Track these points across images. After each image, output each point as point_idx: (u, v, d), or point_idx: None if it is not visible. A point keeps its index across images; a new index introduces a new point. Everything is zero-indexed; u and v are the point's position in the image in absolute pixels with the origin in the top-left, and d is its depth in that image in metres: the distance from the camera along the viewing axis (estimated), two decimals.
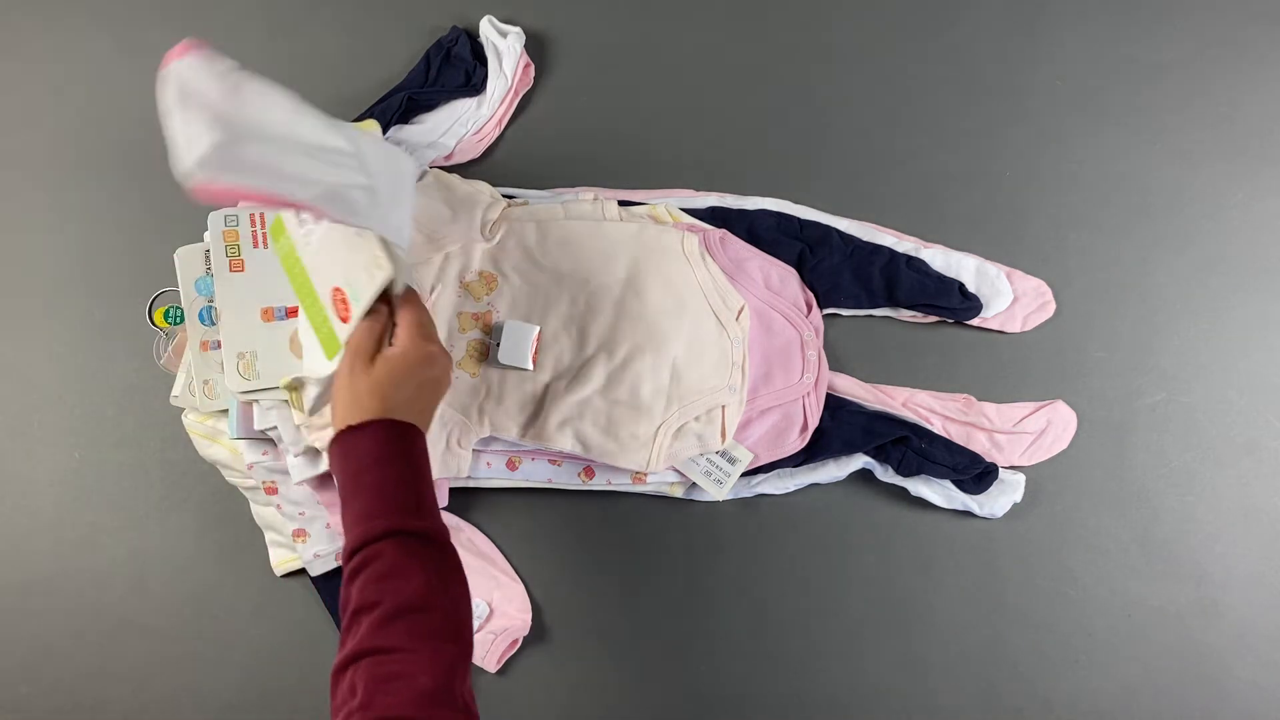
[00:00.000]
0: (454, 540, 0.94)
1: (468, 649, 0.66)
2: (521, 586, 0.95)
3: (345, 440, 0.69)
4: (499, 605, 0.94)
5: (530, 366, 0.90)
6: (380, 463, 0.68)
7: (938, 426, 0.97)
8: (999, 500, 0.96)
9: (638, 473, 0.94)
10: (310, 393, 0.78)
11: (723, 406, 0.92)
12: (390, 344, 0.72)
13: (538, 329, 0.91)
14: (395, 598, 0.63)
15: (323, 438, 0.84)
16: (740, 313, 0.94)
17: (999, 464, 0.96)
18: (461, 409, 0.90)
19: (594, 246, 0.93)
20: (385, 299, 0.73)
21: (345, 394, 0.71)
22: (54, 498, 0.97)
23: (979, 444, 0.97)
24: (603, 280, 0.92)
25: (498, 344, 0.90)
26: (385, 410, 0.69)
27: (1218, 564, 0.98)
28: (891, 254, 1.00)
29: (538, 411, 0.90)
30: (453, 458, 0.89)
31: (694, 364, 0.92)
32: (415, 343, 0.72)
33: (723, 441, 0.92)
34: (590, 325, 0.91)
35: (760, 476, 0.97)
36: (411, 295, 0.75)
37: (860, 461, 0.97)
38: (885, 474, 0.97)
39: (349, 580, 0.65)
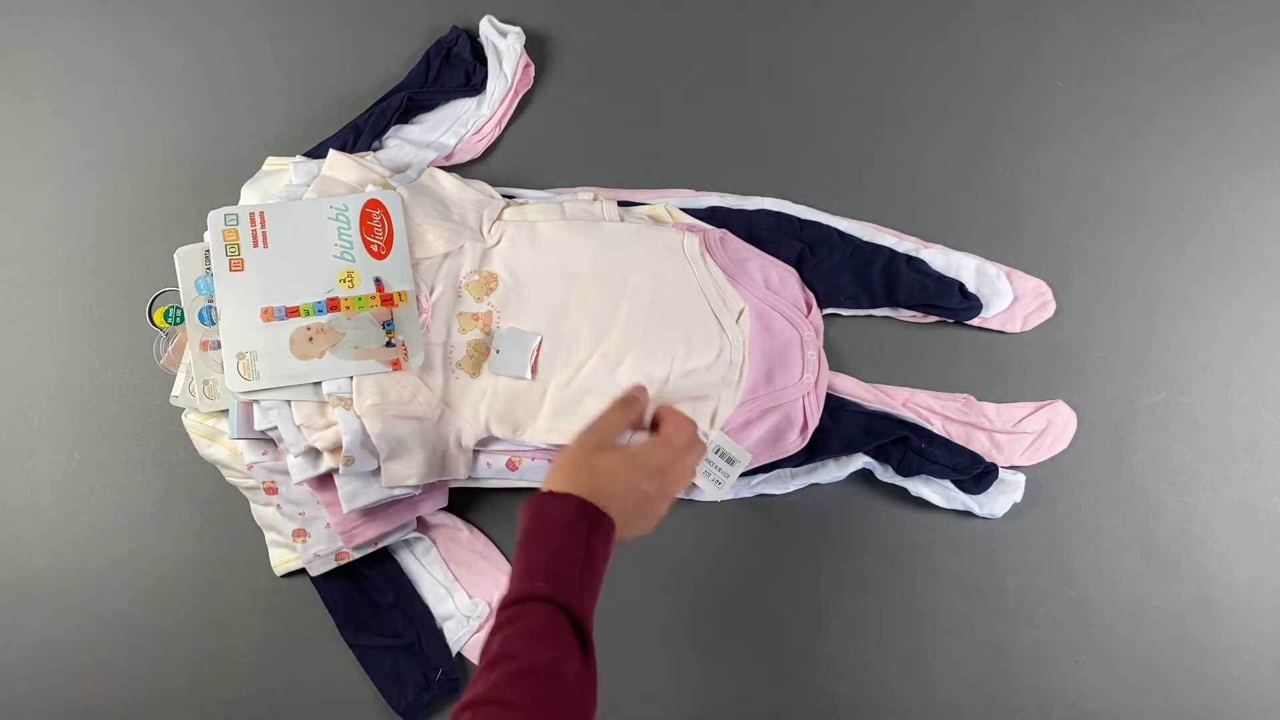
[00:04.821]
0: (454, 540, 0.95)
1: None
2: None
3: (542, 500, 0.71)
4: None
5: (529, 376, 0.90)
6: (563, 531, 0.69)
7: (938, 426, 0.97)
8: (999, 500, 0.96)
9: None
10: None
11: (716, 400, 0.92)
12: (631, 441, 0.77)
13: (539, 339, 0.90)
14: (534, 658, 0.63)
15: (324, 438, 0.84)
16: (740, 314, 0.94)
17: (999, 464, 0.96)
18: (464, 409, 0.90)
19: (593, 247, 0.93)
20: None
21: (567, 463, 0.74)
22: (54, 498, 0.97)
23: (979, 444, 0.97)
24: (602, 281, 0.92)
25: (498, 351, 0.90)
26: (592, 494, 0.71)
27: (1218, 564, 0.98)
28: (891, 254, 1.00)
29: (537, 410, 0.90)
30: (451, 460, 0.89)
31: (692, 364, 0.92)
32: (653, 453, 0.75)
33: (710, 427, 0.92)
34: (589, 326, 0.91)
35: (760, 476, 0.97)
36: (679, 414, 0.79)
37: (860, 461, 0.97)
38: (885, 474, 0.97)
39: (496, 629, 0.66)
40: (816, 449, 0.96)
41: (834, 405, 0.97)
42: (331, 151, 0.93)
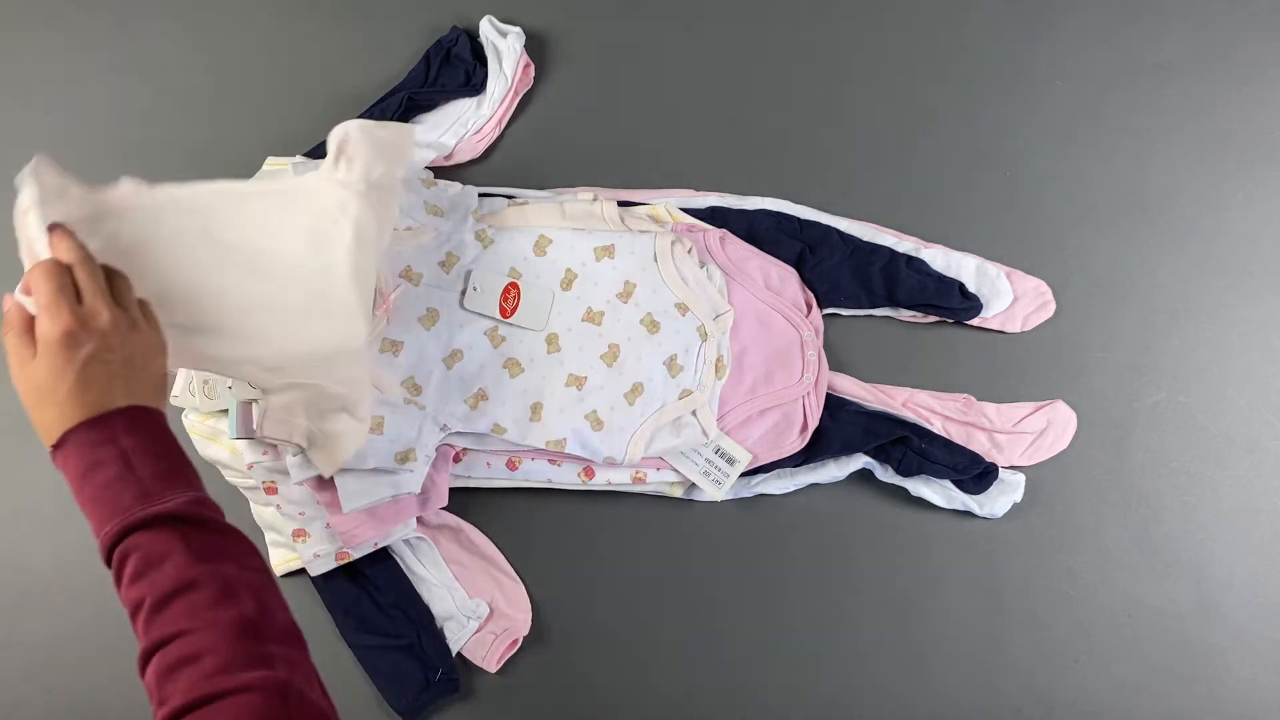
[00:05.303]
0: (454, 540, 0.95)
1: (255, 600, 0.61)
2: (521, 586, 0.95)
3: (56, 463, 0.64)
4: (499, 605, 0.94)
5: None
6: (87, 474, 0.62)
7: (938, 426, 0.97)
8: (999, 500, 0.96)
9: (638, 472, 0.94)
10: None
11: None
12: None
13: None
14: (155, 589, 0.60)
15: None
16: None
17: (999, 464, 0.96)
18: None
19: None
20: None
21: (30, 415, 0.65)
22: (54, 498, 0.97)
23: (979, 444, 0.97)
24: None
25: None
26: (66, 416, 0.63)
27: (1218, 564, 0.98)
28: (891, 254, 1.00)
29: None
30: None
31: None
32: (44, 328, 0.63)
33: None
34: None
35: (760, 476, 0.97)
36: (38, 271, 0.64)
37: (860, 461, 0.96)
38: (885, 474, 0.97)
39: (115, 588, 0.63)
40: (816, 449, 0.96)
41: (834, 405, 0.97)
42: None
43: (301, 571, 0.93)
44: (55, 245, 0.66)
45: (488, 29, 1.01)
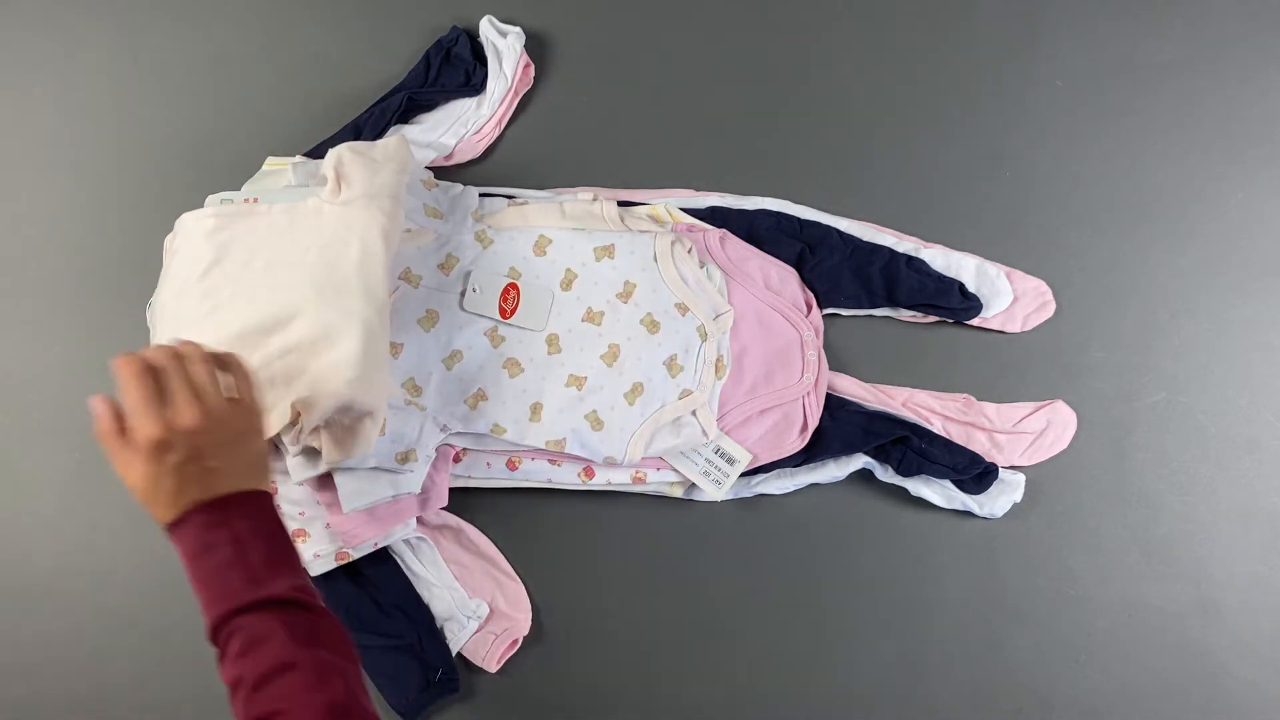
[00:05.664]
0: (454, 540, 0.95)
1: (344, 686, 0.64)
2: (521, 586, 0.95)
3: (171, 540, 0.67)
4: (499, 605, 0.94)
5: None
6: (200, 555, 0.65)
7: (938, 426, 0.97)
8: (999, 500, 0.96)
9: (638, 472, 0.94)
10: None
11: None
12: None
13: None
14: (255, 669, 0.63)
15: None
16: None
17: (999, 464, 0.96)
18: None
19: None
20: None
21: (140, 489, 0.67)
22: (54, 498, 0.97)
23: (979, 444, 0.97)
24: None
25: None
26: (175, 505, 0.66)
27: (1218, 564, 0.98)
28: (891, 254, 1.00)
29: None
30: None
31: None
32: (137, 438, 0.65)
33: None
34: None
35: (760, 476, 0.97)
36: (123, 370, 0.66)
37: (860, 461, 0.97)
38: (885, 474, 0.97)
39: (218, 667, 0.66)
40: (816, 449, 0.96)
41: (834, 405, 0.97)
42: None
43: None
44: (147, 347, 0.70)
45: (488, 29, 1.01)
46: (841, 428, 0.96)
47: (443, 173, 1.01)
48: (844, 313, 1.00)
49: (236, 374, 0.70)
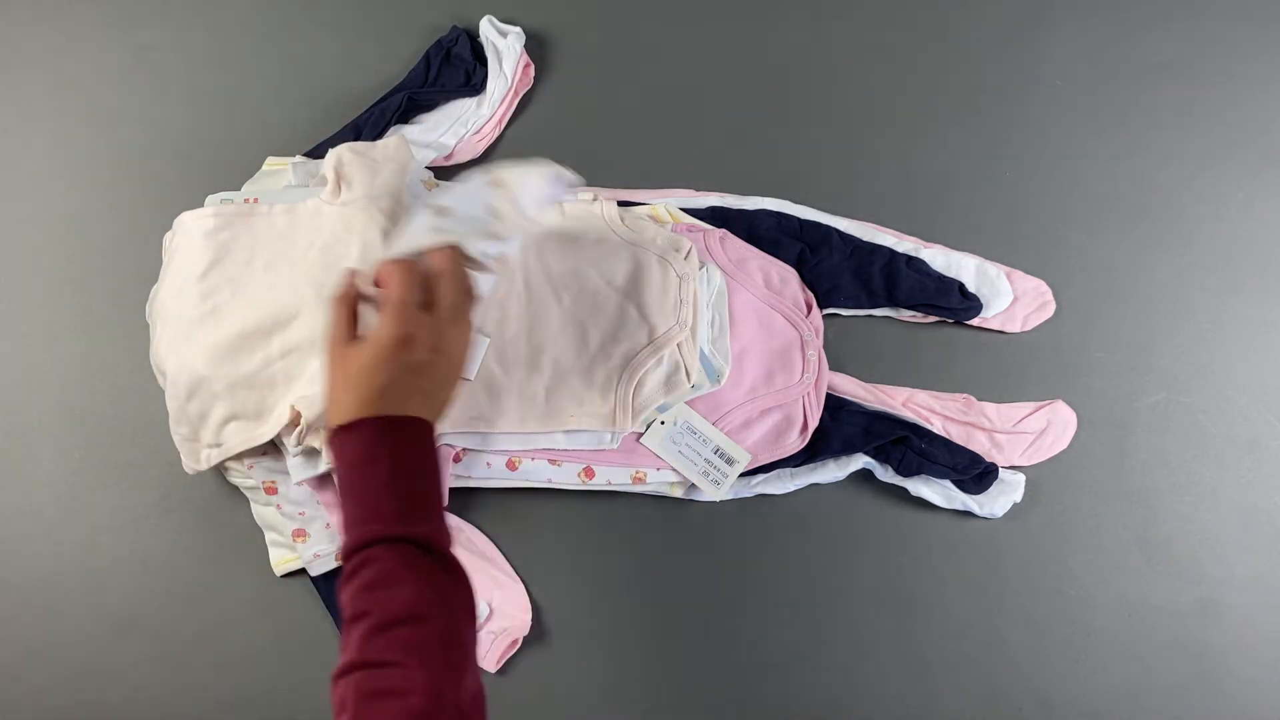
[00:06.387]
0: (454, 540, 0.95)
1: (463, 657, 0.63)
2: (521, 586, 0.95)
3: (333, 442, 0.67)
4: (499, 605, 0.94)
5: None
6: (361, 466, 0.65)
7: (938, 426, 0.98)
8: (999, 500, 0.96)
9: (638, 472, 0.94)
10: None
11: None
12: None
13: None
14: (384, 609, 0.61)
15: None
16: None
17: (999, 464, 0.96)
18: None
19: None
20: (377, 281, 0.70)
21: (331, 386, 0.68)
22: (54, 498, 0.97)
23: (979, 444, 0.97)
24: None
25: None
26: (365, 405, 0.65)
27: (1218, 564, 0.98)
28: (891, 254, 1.00)
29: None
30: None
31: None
32: (387, 326, 0.67)
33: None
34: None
35: (760, 477, 0.97)
36: (399, 268, 0.69)
37: (860, 461, 0.97)
38: (885, 474, 0.97)
39: (343, 585, 0.64)
40: (816, 449, 0.96)
41: (834, 405, 0.97)
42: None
43: (301, 572, 0.93)
44: (436, 253, 0.71)
45: (488, 29, 1.01)
46: (841, 428, 0.96)
47: (443, 173, 1.01)
48: (844, 313, 1.00)
49: (463, 292, 0.71)
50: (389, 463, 0.65)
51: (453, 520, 0.96)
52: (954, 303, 0.98)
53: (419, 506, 0.66)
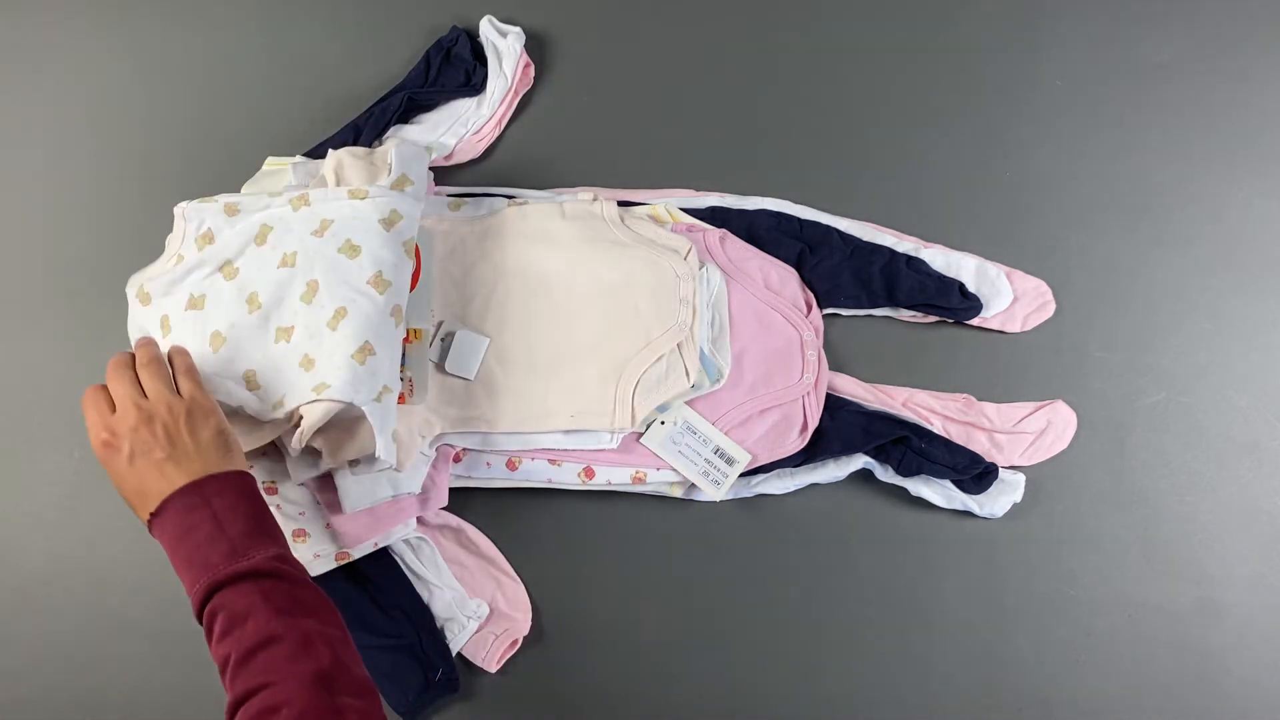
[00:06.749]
0: (454, 540, 0.95)
1: (330, 654, 0.65)
2: (521, 586, 0.95)
3: (154, 533, 0.71)
4: (499, 605, 0.94)
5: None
6: (179, 541, 0.69)
7: (938, 426, 0.97)
8: (999, 500, 0.96)
9: (638, 472, 0.94)
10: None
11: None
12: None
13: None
14: (240, 645, 0.65)
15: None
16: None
17: (999, 464, 0.96)
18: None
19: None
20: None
21: (124, 490, 0.73)
22: (54, 498, 0.97)
23: (979, 444, 0.97)
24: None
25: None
26: (144, 500, 0.70)
27: (1218, 564, 0.98)
28: (891, 254, 1.00)
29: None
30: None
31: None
32: (91, 439, 0.73)
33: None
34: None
35: (760, 477, 0.97)
36: (91, 388, 0.75)
37: (860, 461, 0.97)
38: (885, 474, 0.97)
39: (208, 644, 0.67)
40: (816, 449, 0.96)
41: (834, 405, 0.97)
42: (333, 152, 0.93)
43: None
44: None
45: (488, 29, 1.01)
46: (841, 428, 0.96)
47: (443, 173, 1.01)
48: (844, 313, 1.00)
49: (177, 368, 0.76)
50: (204, 522, 0.69)
51: (452, 520, 0.96)
52: (954, 303, 0.98)
53: (246, 543, 0.69)
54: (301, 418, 0.80)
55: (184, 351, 0.79)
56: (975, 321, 1.00)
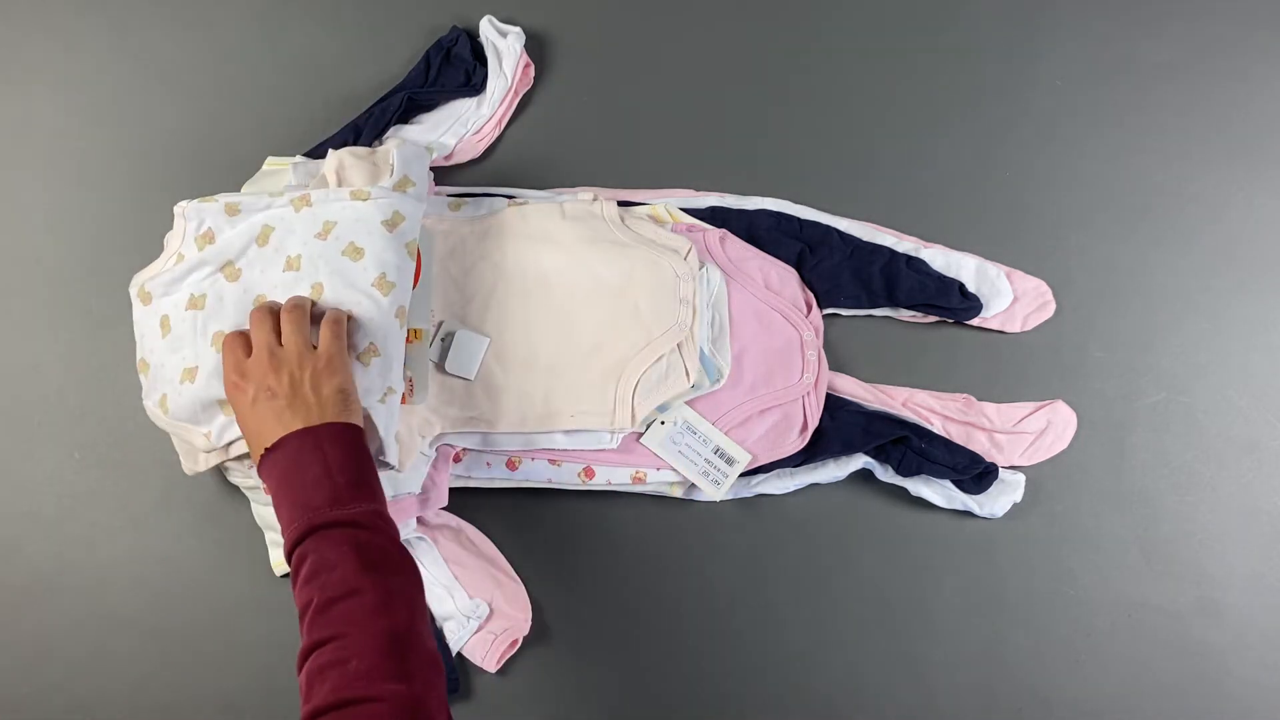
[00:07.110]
0: (454, 540, 0.95)
1: (407, 615, 0.66)
2: (521, 586, 0.95)
3: (263, 467, 0.73)
4: (499, 605, 0.94)
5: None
6: (287, 476, 0.71)
7: (938, 426, 0.98)
8: (999, 500, 0.96)
9: (638, 472, 0.94)
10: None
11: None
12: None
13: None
14: (324, 593, 0.65)
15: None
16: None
17: (999, 464, 0.96)
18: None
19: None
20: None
21: (242, 425, 0.76)
22: (54, 498, 0.97)
23: (979, 444, 0.97)
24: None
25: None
26: (260, 437, 0.72)
27: (1218, 564, 0.98)
28: (891, 254, 1.00)
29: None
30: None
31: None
32: (239, 367, 0.75)
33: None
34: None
35: (760, 476, 0.97)
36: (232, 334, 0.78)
37: (860, 461, 0.97)
38: (885, 474, 0.97)
39: (292, 585, 0.68)
40: (816, 449, 0.96)
41: (834, 405, 0.97)
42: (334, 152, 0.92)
43: None
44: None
45: (488, 29, 1.01)
46: (841, 428, 0.96)
47: (443, 173, 1.01)
48: (844, 313, 1.00)
49: (324, 323, 0.77)
50: (315, 464, 0.70)
51: (452, 520, 0.96)
52: (954, 303, 0.98)
53: (349, 493, 0.70)
54: None
55: (337, 309, 0.80)
56: (975, 321, 1.00)
